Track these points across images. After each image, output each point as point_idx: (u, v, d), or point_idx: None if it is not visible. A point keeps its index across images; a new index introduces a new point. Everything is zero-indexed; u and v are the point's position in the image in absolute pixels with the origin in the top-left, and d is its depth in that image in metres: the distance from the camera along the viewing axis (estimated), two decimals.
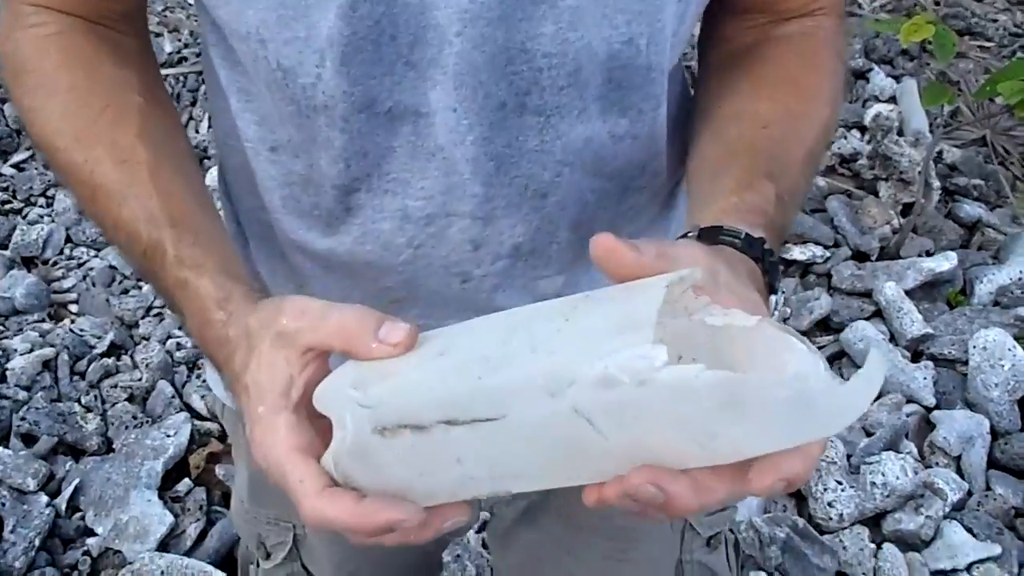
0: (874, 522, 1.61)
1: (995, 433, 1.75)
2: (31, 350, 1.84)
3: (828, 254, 2.20)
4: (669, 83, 0.65)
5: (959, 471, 1.69)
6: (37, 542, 1.53)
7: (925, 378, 1.82)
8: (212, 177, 1.87)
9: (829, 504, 1.58)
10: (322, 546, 0.84)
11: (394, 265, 0.64)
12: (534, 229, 0.63)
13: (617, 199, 0.67)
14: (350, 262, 0.65)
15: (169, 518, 1.56)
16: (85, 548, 1.57)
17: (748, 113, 0.63)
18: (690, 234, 0.53)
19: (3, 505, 1.56)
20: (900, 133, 2.50)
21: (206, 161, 2.34)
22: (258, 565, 0.89)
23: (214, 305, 0.53)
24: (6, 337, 1.90)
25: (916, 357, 1.93)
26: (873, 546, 1.56)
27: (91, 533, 1.59)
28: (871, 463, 1.61)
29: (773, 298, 0.54)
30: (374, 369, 0.44)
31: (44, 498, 1.59)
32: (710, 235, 0.52)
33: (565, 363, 0.39)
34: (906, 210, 2.29)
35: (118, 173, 0.58)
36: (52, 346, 1.86)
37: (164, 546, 1.55)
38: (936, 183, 2.31)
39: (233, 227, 0.72)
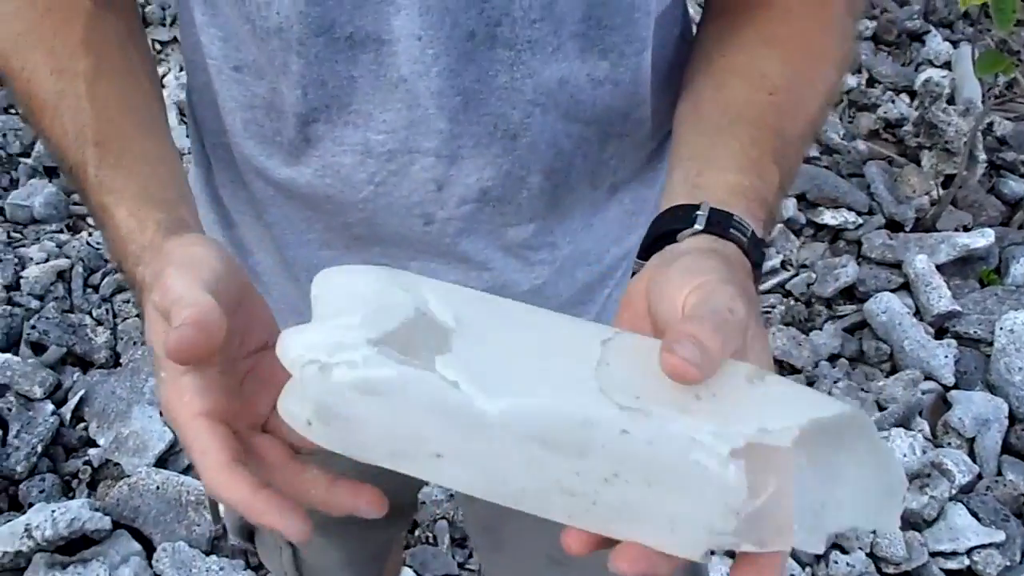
0: None
1: (1014, 418, 1.70)
2: (47, 260, 1.85)
3: (861, 221, 2.13)
4: (663, 27, 0.61)
5: (972, 454, 1.65)
6: (40, 448, 1.56)
7: (946, 356, 1.77)
8: None
9: None
10: None
11: (354, 202, 0.61)
12: (503, 173, 0.60)
13: (598, 147, 0.63)
14: (310, 194, 0.63)
15: (168, 435, 1.57)
16: (86, 458, 1.59)
17: (753, 72, 0.58)
18: (699, 214, 0.49)
19: (9, 411, 1.58)
20: (951, 101, 2.40)
21: None
22: None
23: (127, 237, 0.50)
24: (23, 245, 1.91)
25: (940, 334, 1.87)
26: None
27: (93, 444, 1.61)
28: None
29: None
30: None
31: (49, 406, 1.61)
32: (720, 221, 0.49)
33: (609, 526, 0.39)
34: (948, 182, 2.21)
35: (53, 83, 0.54)
36: (68, 257, 1.87)
37: (162, 462, 1.57)
38: (982, 156, 2.22)
39: (198, 147, 0.69)
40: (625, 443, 0.37)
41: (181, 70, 2.22)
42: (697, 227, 0.48)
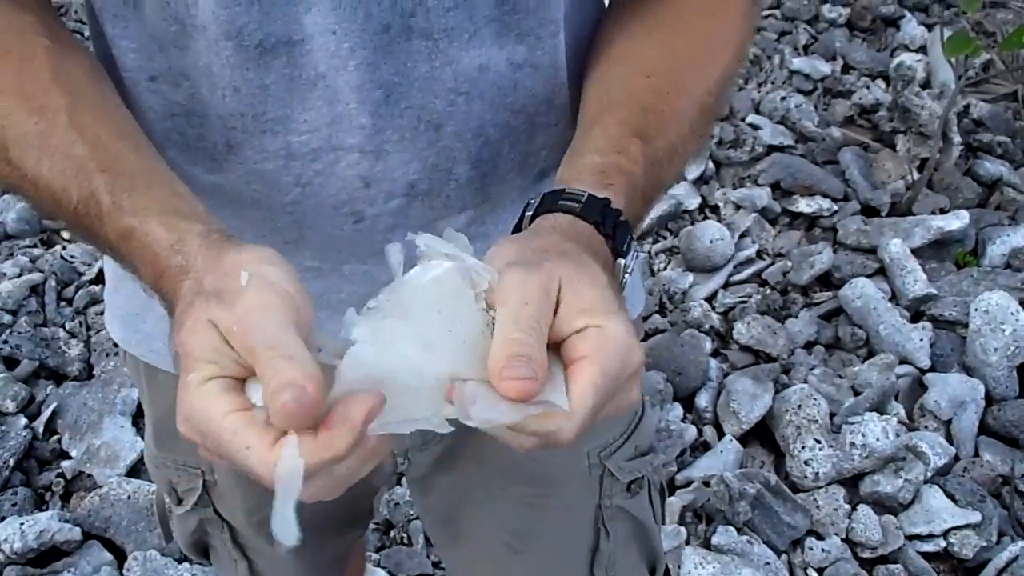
0: (852, 483, 1.57)
1: (990, 399, 1.69)
2: (20, 275, 1.85)
3: (836, 208, 2.12)
4: (583, 11, 0.62)
5: (949, 436, 1.64)
6: (12, 462, 1.56)
7: (922, 339, 1.76)
8: None
9: (805, 462, 1.55)
10: (234, 492, 0.82)
11: (282, 205, 0.61)
12: (430, 166, 0.60)
13: (526, 137, 0.64)
14: (237, 200, 0.62)
15: (140, 445, 1.57)
16: (59, 470, 1.59)
17: (633, 57, 0.60)
18: (531, 201, 0.53)
19: None
20: (926, 85, 2.40)
21: None
22: (172, 512, 0.87)
23: (168, 251, 0.47)
24: None
25: (916, 318, 1.86)
26: (848, 506, 1.52)
27: (66, 456, 1.61)
28: (852, 423, 1.56)
29: (622, 261, 0.52)
30: None
31: (22, 420, 1.62)
32: (552, 200, 0.52)
33: None
34: (923, 165, 2.20)
35: (33, 124, 0.52)
36: (41, 271, 1.87)
37: (134, 472, 1.57)
38: (957, 138, 2.21)
39: None
40: None
41: None
42: (527, 213, 0.53)
